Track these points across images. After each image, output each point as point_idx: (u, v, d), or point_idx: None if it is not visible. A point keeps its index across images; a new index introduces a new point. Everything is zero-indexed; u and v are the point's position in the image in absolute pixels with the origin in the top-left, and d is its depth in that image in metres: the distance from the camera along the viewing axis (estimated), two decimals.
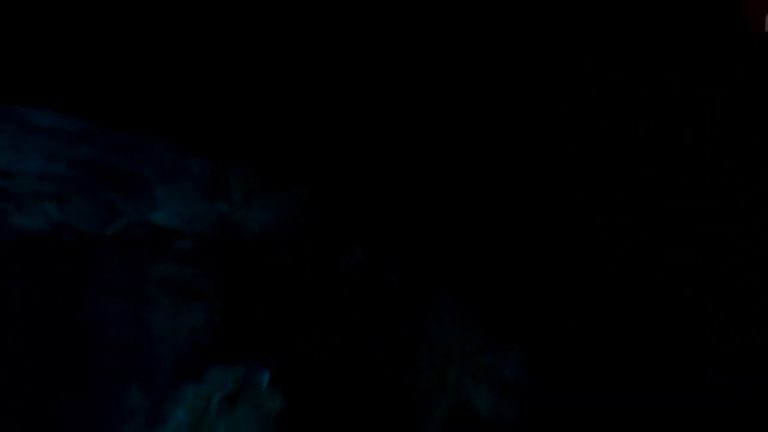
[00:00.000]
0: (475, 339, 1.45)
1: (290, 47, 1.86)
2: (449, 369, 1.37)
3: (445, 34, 2.24)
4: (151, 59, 1.72)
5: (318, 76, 1.95)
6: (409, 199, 1.93)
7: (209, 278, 1.23)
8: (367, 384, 1.25)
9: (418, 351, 1.45)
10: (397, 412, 1.25)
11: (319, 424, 1.11)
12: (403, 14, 2.27)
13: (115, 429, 0.92)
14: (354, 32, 2.08)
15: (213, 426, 0.99)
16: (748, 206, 2.51)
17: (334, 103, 2.00)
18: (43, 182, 1.27)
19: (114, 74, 1.73)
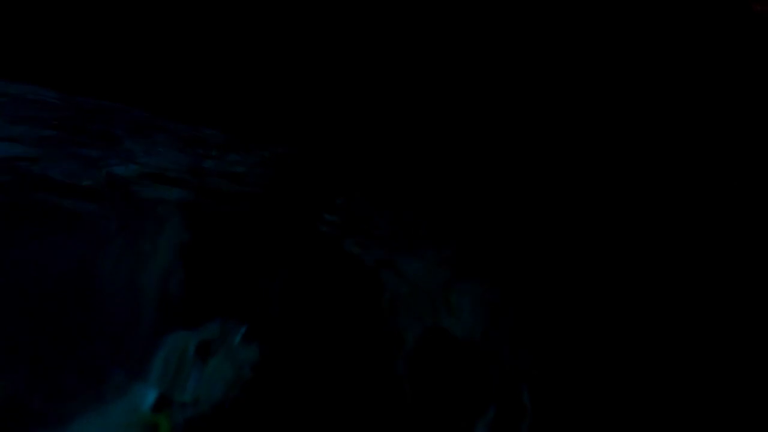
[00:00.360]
0: (446, 273, 1.52)
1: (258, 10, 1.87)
2: (424, 300, 1.44)
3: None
4: (121, 32, 1.78)
5: (288, 42, 1.97)
6: (386, 153, 1.96)
7: (185, 226, 1.29)
8: (343, 322, 1.33)
9: (394, 287, 1.52)
10: (372, 342, 1.33)
11: (296, 365, 1.18)
12: None
13: (90, 384, 1.00)
14: None
15: (188, 376, 1.08)
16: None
17: (305, 66, 2.02)
18: (24, 144, 1.36)
19: (90, 48, 1.81)
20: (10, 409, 1.17)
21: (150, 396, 1.16)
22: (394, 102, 2.15)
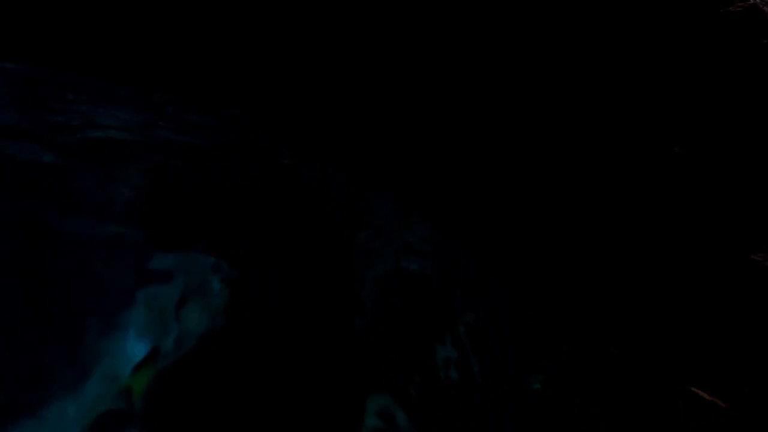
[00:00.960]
0: (405, 221, 1.58)
1: None
2: (385, 244, 1.49)
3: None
4: (75, 7, 1.74)
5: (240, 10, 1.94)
6: (341, 115, 1.96)
7: (153, 176, 1.28)
8: (312, 262, 1.35)
9: (359, 231, 1.56)
10: (339, 279, 1.37)
11: (270, 301, 1.20)
12: None
13: (74, 336, 1.00)
14: None
15: (168, 322, 1.09)
16: None
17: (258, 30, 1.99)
18: None
19: (45, 21, 1.77)
20: None
21: (133, 346, 1.17)
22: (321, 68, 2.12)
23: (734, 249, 2.67)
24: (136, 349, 1.26)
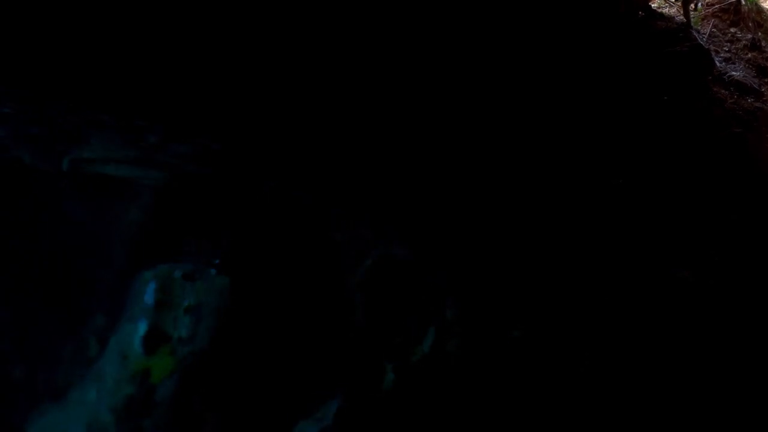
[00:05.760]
0: (368, 232, 1.75)
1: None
2: (367, 247, 1.64)
3: None
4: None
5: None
6: (313, 142, 2.07)
7: (150, 193, 1.33)
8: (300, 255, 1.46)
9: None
10: (326, 263, 1.49)
11: (266, 292, 1.29)
12: None
13: (83, 320, 1.02)
14: None
15: (178, 304, 1.13)
16: None
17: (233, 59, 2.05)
18: None
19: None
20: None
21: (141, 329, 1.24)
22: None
23: (658, 263, 3.02)
24: (144, 329, 1.31)
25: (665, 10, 4.81)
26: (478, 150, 2.57)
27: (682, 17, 4.62)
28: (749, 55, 4.65)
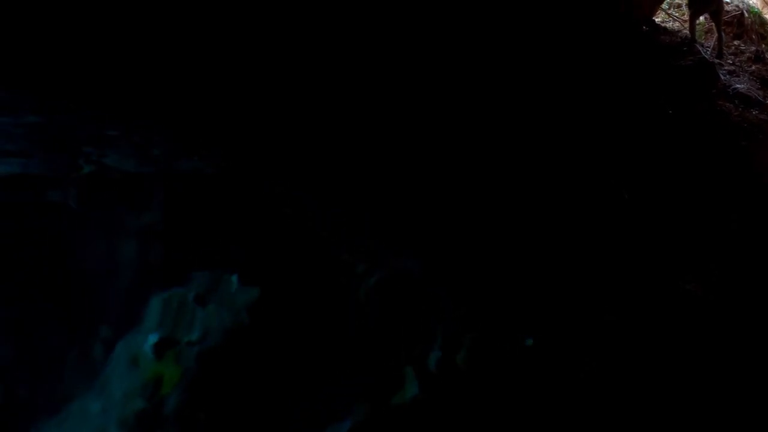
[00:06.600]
0: (375, 242, 1.74)
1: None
2: (372, 264, 1.62)
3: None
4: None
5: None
6: (315, 147, 2.07)
7: (160, 202, 1.32)
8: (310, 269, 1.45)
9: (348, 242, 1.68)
10: (334, 283, 1.47)
11: (281, 306, 1.27)
12: None
13: (93, 332, 1.00)
14: None
15: (190, 323, 1.11)
16: None
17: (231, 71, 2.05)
18: (5, 142, 1.33)
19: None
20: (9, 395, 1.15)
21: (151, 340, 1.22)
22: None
23: (667, 276, 2.99)
24: (155, 340, 1.29)
25: (669, 25, 4.83)
26: (489, 163, 2.57)
27: (685, 31, 4.64)
28: (753, 68, 4.66)
